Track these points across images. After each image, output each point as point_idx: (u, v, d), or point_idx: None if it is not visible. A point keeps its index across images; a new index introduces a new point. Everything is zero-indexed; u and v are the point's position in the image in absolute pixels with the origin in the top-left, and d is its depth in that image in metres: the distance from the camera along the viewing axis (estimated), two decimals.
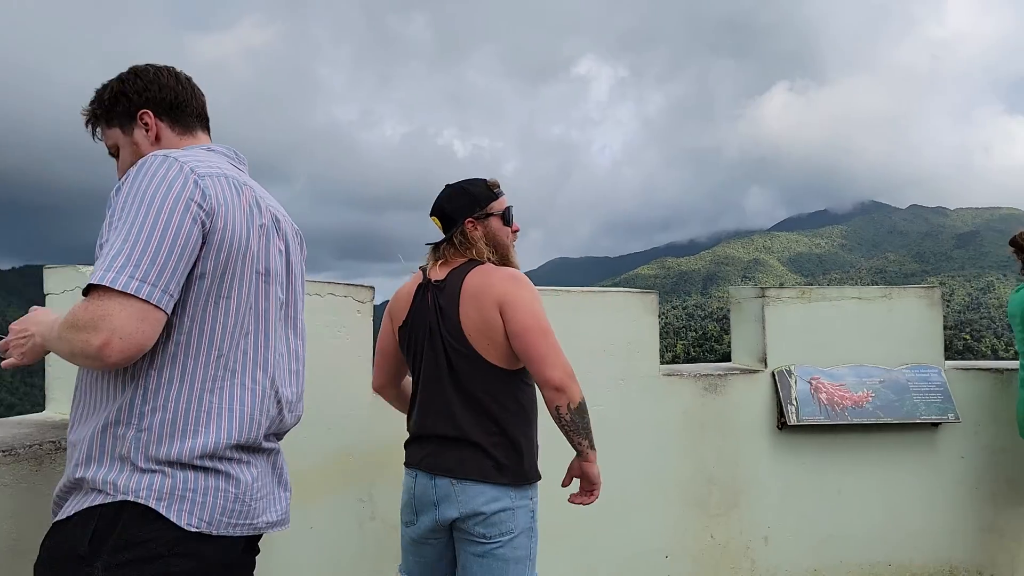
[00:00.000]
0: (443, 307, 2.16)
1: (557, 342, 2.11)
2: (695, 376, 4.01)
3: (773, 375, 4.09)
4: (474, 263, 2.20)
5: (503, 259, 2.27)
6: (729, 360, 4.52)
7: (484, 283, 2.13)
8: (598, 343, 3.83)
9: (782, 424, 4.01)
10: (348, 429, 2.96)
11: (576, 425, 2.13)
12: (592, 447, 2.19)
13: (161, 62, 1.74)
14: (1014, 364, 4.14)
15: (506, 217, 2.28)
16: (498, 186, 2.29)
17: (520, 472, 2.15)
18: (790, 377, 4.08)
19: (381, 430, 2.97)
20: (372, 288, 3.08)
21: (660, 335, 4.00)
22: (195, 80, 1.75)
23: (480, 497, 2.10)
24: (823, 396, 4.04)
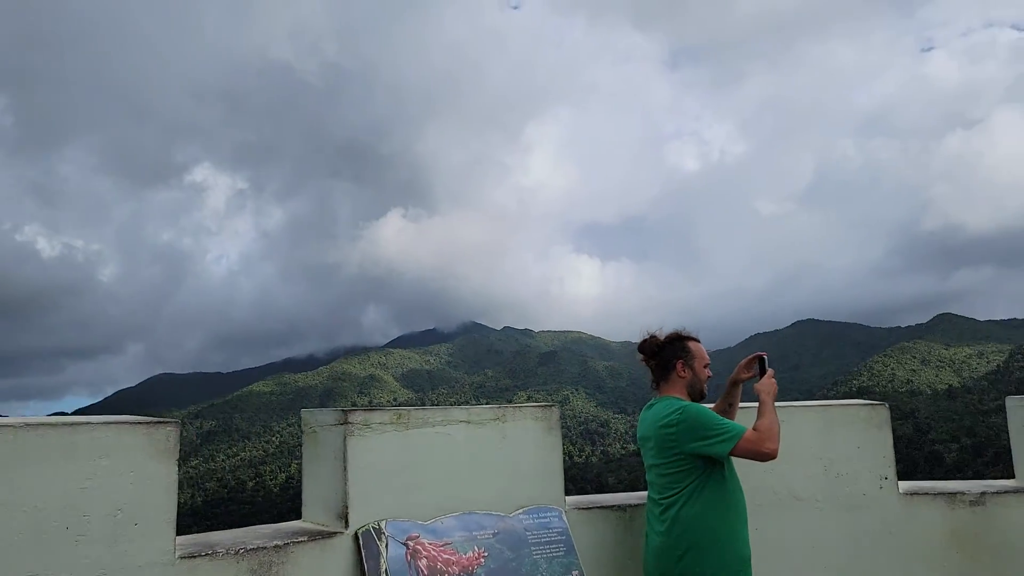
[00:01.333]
0: None
1: None
2: (237, 553, 2.56)
3: (357, 538, 2.84)
4: None
5: None
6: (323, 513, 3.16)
7: None
8: (56, 514, 2.20)
9: None
10: None
11: None
12: None
13: None
14: (639, 498, 3.51)
15: None
16: None
17: None
18: (380, 539, 2.87)
19: None
20: None
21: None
22: None
23: None
24: (423, 563, 2.89)
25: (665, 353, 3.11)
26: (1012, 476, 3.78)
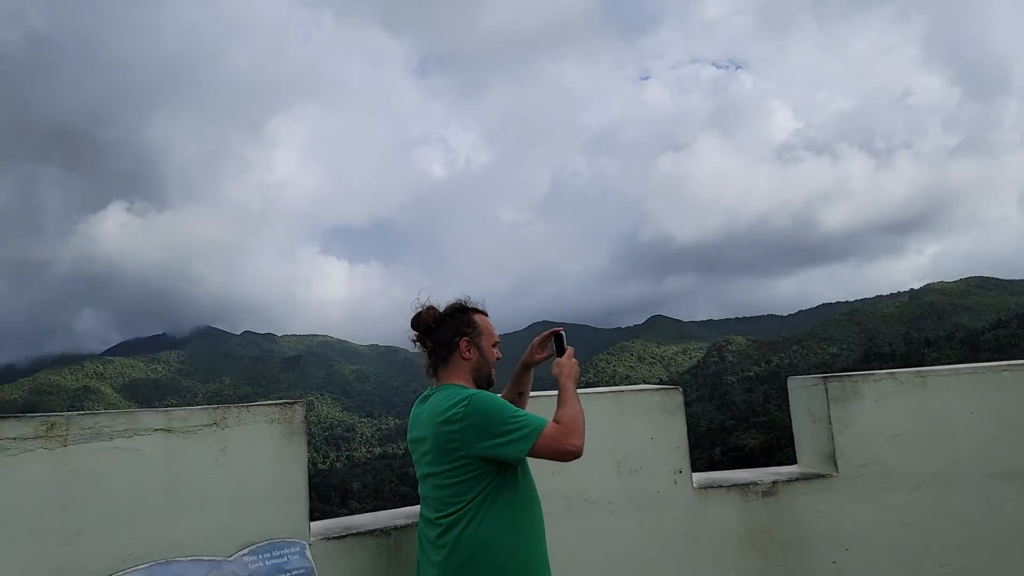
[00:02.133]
0: None
1: None
2: None
3: None
4: None
5: None
6: None
7: None
8: None
9: None
10: None
11: None
12: None
13: None
14: (407, 517, 2.78)
15: None
16: None
17: None
18: None
19: None
20: None
21: None
22: None
23: None
24: None
25: (445, 329, 2.42)
26: (791, 461, 3.67)
